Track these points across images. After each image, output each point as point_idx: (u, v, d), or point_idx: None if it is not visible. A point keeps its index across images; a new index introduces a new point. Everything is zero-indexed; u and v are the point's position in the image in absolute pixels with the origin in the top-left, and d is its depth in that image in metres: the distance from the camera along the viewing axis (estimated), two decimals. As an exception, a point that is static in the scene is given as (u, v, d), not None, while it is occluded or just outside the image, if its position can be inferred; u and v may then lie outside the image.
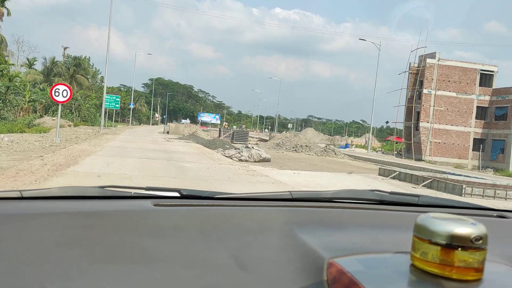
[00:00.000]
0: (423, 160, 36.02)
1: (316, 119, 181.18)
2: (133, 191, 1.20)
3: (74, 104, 45.14)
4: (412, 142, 39.77)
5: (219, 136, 41.21)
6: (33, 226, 0.91)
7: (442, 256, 0.64)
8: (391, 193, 1.44)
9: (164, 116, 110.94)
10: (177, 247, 0.86)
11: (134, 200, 1.16)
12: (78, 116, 46.47)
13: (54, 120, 35.96)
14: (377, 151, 46.36)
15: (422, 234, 0.67)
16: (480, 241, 0.64)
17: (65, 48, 60.26)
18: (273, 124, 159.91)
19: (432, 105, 38.82)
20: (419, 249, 0.67)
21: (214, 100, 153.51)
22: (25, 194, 1.08)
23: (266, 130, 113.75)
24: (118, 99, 43.26)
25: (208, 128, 77.44)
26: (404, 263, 0.71)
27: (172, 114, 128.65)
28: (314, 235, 0.94)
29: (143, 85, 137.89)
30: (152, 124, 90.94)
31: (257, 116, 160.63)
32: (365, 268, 0.71)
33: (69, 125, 36.68)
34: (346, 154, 28.77)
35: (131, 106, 64.02)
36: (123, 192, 1.19)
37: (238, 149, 20.11)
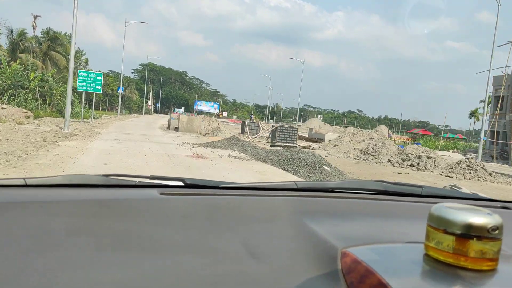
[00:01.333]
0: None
1: (312, 109, 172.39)
2: (137, 179, 1.17)
3: (44, 88, 31.92)
4: None
5: (242, 133, 28.85)
6: (40, 213, 0.89)
7: (457, 245, 0.63)
8: (395, 183, 1.44)
9: (157, 105, 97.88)
10: (186, 235, 0.84)
11: (139, 189, 1.14)
12: (49, 104, 33.22)
13: (4, 108, 23.38)
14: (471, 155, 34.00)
15: (437, 224, 0.66)
16: (497, 231, 0.63)
17: (35, 17, 46.87)
18: (271, 113, 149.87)
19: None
20: (434, 238, 0.66)
21: (208, 88, 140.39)
22: (29, 182, 1.06)
23: (271, 120, 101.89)
24: (99, 78, 28.07)
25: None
26: (418, 253, 0.70)
27: (165, 102, 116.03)
28: (323, 224, 0.93)
29: (133, 71, 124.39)
30: (145, 114, 77.97)
31: (253, 105, 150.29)
32: (380, 258, 0.70)
33: (27, 117, 23.90)
34: (496, 172, 15.97)
35: (121, 92, 50.62)
36: (127, 181, 1.16)
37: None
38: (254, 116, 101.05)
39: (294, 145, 22.87)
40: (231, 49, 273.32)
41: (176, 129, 27.64)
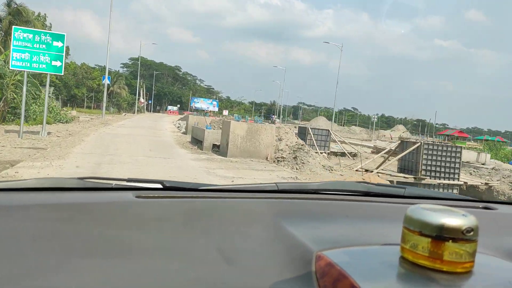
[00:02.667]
0: None
1: (306, 106, 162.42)
2: (114, 182, 1.14)
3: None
4: None
5: (305, 141, 16.91)
6: (7, 219, 0.85)
7: (432, 248, 0.62)
8: (377, 184, 1.41)
9: (150, 101, 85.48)
10: (160, 239, 0.82)
11: (115, 192, 1.10)
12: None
13: None
14: None
15: (412, 226, 0.64)
16: (471, 233, 0.62)
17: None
18: (268, 111, 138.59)
19: None
20: (409, 240, 0.65)
21: (202, 85, 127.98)
22: (0, 186, 1.03)
23: (289, 118, 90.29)
24: (59, 46, 13.87)
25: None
26: (394, 255, 0.68)
27: (156, 100, 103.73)
28: (301, 227, 0.91)
29: (122, 65, 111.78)
30: (138, 112, 65.52)
31: (250, 103, 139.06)
32: (354, 261, 0.69)
33: None
34: None
35: (106, 82, 38.35)
36: (103, 184, 1.13)
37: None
38: (274, 116, 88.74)
39: (457, 183, 11.36)
40: (222, 46, 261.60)
41: (215, 148, 14.05)
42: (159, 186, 1.15)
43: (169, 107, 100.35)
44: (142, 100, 69.03)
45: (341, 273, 0.63)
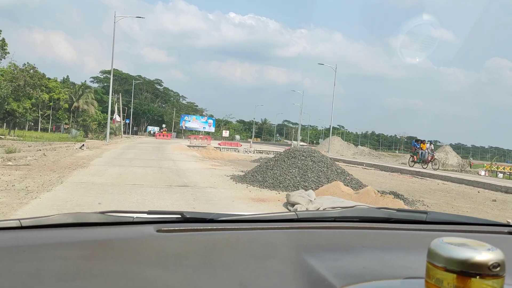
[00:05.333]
0: None
1: (291, 125, 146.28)
2: (135, 215, 1.12)
3: None
4: None
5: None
6: (31, 258, 0.85)
7: (458, 283, 0.59)
8: (398, 210, 1.36)
9: (128, 121, 65.10)
10: (182, 275, 0.80)
11: (136, 226, 1.09)
12: None
13: None
14: None
15: (436, 261, 0.61)
16: (498, 268, 0.59)
17: None
18: (259, 130, 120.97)
19: None
20: (434, 276, 0.62)
21: (184, 102, 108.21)
22: (24, 223, 1.02)
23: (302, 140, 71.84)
24: None
25: (222, 145, 33.64)
26: None
27: (135, 119, 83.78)
28: (322, 259, 0.89)
29: (92, 79, 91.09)
30: (112, 135, 45.14)
31: (239, 121, 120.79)
32: None
33: None
34: None
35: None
36: (125, 218, 1.12)
37: None
38: (297, 142, 68.82)
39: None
40: (196, 66, 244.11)
41: None
42: (179, 217, 1.13)
43: (149, 128, 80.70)
44: (117, 118, 48.60)
45: None
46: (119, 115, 45.85)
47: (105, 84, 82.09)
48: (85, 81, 63.15)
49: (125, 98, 73.31)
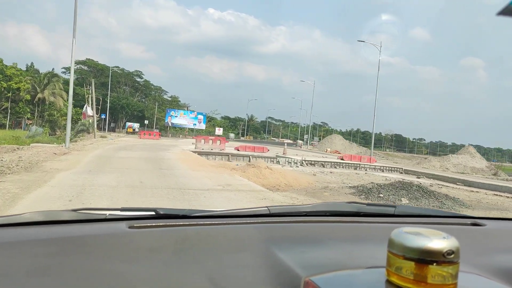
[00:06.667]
0: None
1: (275, 122, 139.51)
2: (107, 212, 1.11)
3: None
4: None
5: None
6: (1, 255, 0.84)
7: (416, 271, 0.62)
8: (368, 204, 1.39)
9: (103, 116, 55.16)
10: (153, 270, 0.81)
11: (109, 223, 1.07)
12: None
13: None
14: None
15: (396, 250, 0.64)
16: (452, 255, 0.62)
17: None
18: (246, 127, 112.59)
19: None
20: (394, 264, 0.65)
21: (166, 96, 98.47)
22: None
23: (314, 138, 63.31)
24: None
25: (212, 147, 23.59)
26: (380, 279, 0.68)
27: (113, 114, 73.96)
28: (290, 252, 0.90)
29: (64, 70, 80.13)
30: (86, 132, 35.46)
31: (224, 118, 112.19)
32: (341, 285, 0.69)
33: None
34: None
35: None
36: (97, 215, 1.10)
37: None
38: (301, 141, 59.58)
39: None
40: (174, 61, 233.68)
41: None
42: (153, 214, 1.12)
43: (128, 123, 71.10)
44: (89, 111, 38.85)
45: None
46: (93, 109, 36.30)
47: (79, 76, 71.93)
48: (53, 69, 53.12)
49: (101, 91, 63.52)
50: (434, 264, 0.61)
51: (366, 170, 23.73)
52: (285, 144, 27.91)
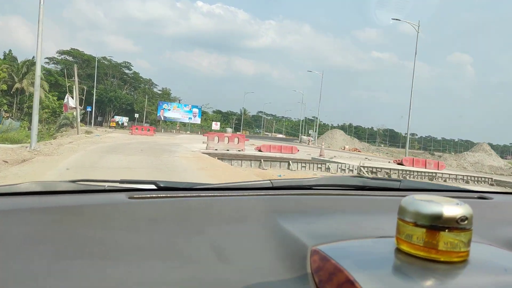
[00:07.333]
0: None
1: (265, 116, 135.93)
2: (106, 184, 1.09)
3: None
4: None
5: None
6: None
7: (427, 238, 0.60)
8: (373, 178, 1.38)
9: (89, 109, 50.50)
10: (154, 240, 0.79)
11: (108, 194, 1.05)
12: None
13: None
14: None
15: (407, 217, 0.62)
16: (466, 222, 0.60)
17: None
18: (239, 121, 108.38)
19: None
20: (404, 232, 0.63)
21: (156, 90, 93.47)
22: None
23: (310, 133, 59.49)
24: None
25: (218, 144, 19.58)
26: (389, 247, 0.66)
27: (100, 107, 69.28)
28: (296, 223, 0.88)
29: (47, 60, 74.84)
30: (69, 126, 30.93)
31: (216, 112, 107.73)
32: (349, 254, 0.67)
33: None
34: None
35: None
36: (96, 186, 1.08)
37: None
38: (309, 137, 51.56)
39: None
40: (163, 55, 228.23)
41: None
42: (153, 186, 1.10)
43: (116, 117, 66.53)
44: (71, 103, 34.23)
45: (336, 267, 0.61)
46: (76, 100, 31.79)
47: (63, 66, 67.03)
48: (33, 57, 48.21)
49: (87, 83, 58.71)
50: (446, 230, 0.59)
51: (445, 180, 17.86)
52: (322, 145, 23.11)
